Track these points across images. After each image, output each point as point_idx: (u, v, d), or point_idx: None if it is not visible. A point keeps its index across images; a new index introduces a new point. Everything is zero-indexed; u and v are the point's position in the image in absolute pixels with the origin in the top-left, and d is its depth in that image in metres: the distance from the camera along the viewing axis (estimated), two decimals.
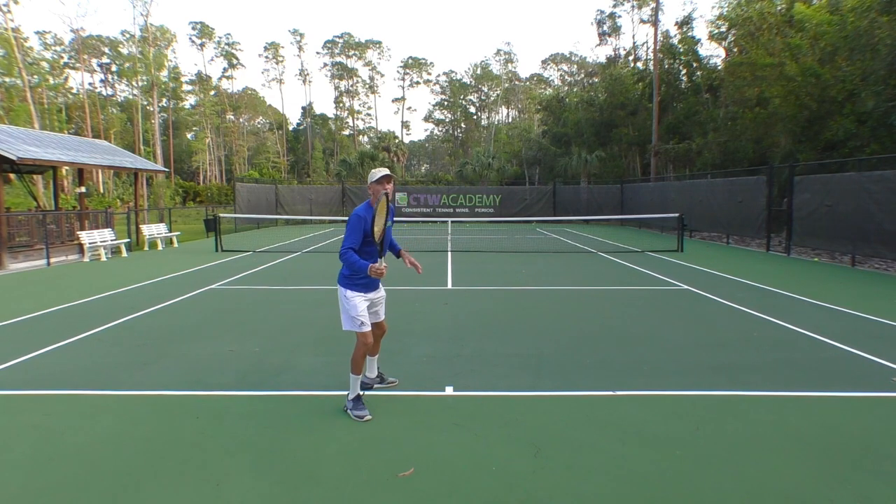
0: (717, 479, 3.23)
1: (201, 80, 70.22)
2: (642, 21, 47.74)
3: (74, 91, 58.90)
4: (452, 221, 23.44)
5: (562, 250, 16.82)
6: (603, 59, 51.96)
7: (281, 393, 4.71)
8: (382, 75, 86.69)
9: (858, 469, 3.34)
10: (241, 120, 76.29)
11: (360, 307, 4.20)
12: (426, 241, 19.79)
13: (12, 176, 21.17)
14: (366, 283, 4.23)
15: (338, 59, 79.59)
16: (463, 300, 8.78)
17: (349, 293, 4.20)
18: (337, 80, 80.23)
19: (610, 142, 39.31)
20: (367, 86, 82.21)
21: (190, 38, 71.90)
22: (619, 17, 49.80)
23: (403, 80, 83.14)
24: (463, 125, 79.92)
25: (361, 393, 4.29)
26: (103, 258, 15.33)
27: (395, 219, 3.90)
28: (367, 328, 4.22)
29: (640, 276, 11.34)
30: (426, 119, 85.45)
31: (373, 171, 4.20)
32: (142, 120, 55.90)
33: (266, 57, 79.08)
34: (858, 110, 16.89)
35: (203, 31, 71.26)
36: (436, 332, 6.68)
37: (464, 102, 79.12)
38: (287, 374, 5.18)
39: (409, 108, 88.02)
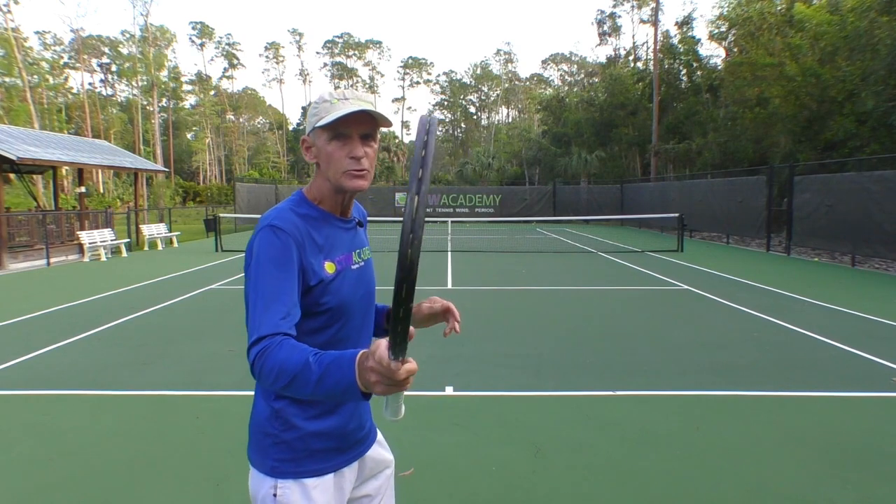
0: (717, 479, 3.22)
1: (201, 80, 70.20)
2: (642, 21, 47.78)
3: (74, 91, 58.91)
4: (452, 221, 23.43)
5: (562, 250, 16.82)
6: (603, 59, 52.06)
7: None
8: (382, 75, 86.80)
9: (858, 469, 3.33)
10: (241, 120, 76.25)
11: None
12: (426, 241, 19.69)
13: (12, 176, 21.13)
14: (339, 437, 1.51)
15: (338, 59, 79.60)
16: (463, 300, 8.76)
17: (280, 488, 1.46)
18: (337, 80, 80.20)
19: (610, 142, 39.30)
20: (368, 86, 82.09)
21: (190, 38, 71.90)
22: (619, 17, 49.93)
23: (403, 80, 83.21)
24: (463, 125, 79.89)
25: None
26: (103, 258, 15.33)
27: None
28: None
29: (640, 276, 11.34)
30: None
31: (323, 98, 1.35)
32: (142, 120, 55.87)
33: (266, 57, 79.19)
34: (858, 110, 16.90)
35: (203, 31, 71.24)
36: (436, 332, 6.66)
37: (464, 102, 79.08)
38: None
39: (409, 108, 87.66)
